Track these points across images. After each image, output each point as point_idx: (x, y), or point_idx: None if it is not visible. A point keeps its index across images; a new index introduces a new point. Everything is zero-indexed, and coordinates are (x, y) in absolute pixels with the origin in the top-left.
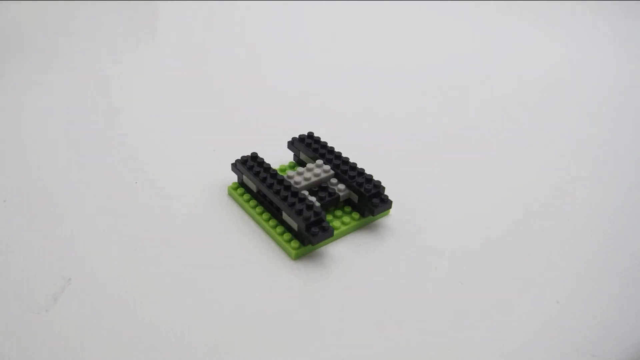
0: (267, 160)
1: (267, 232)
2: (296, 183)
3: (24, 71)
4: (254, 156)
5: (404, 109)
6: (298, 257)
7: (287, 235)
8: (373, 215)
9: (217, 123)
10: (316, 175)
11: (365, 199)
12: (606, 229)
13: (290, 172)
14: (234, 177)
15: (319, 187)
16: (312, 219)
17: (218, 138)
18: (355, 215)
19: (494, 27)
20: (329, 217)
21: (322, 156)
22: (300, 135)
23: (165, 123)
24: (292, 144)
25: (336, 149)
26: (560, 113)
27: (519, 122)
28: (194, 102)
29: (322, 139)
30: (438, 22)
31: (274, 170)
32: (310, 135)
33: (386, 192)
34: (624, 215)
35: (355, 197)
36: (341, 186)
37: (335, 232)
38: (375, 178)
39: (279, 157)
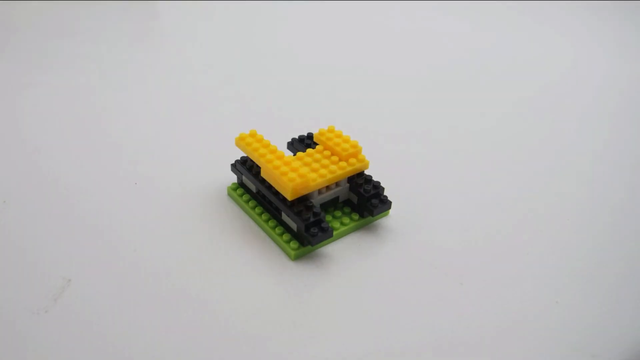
0: None
1: (267, 233)
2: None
3: (23, 72)
4: None
5: (403, 109)
6: (297, 257)
7: (286, 236)
8: (372, 215)
9: (216, 123)
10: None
11: (364, 199)
12: (606, 229)
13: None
14: (233, 178)
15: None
16: (312, 219)
17: (217, 138)
18: (355, 215)
19: (497, 29)
20: (328, 218)
21: None
22: (299, 136)
23: (165, 123)
24: (292, 145)
25: None
26: (561, 113)
27: (519, 122)
28: (193, 102)
29: None
30: (441, 23)
31: None
32: (310, 136)
33: (385, 193)
34: (624, 215)
35: (354, 198)
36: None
37: (335, 232)
38: (375, 179)
39: None
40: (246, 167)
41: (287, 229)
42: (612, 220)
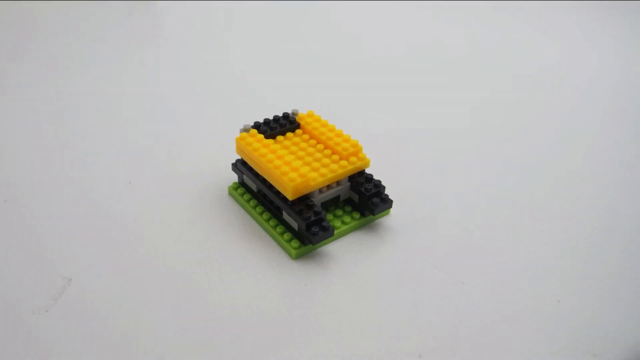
0: None
1: (268, 232)
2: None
3: (22, 71)
4: None
5: (404, 108)
6: (298, 256)
7: (287, 235)
8: (373, 214)
9: (216, 123)
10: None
11: (365, 198)
12: (607, 228)
13: None
14: (234, 177)
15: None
16: (312, 218)
17: (218, 138)
18: (356, 214)
19: (489, 26)
20: (329, 217)
21: None
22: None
23: (165, 123)
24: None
25: None
26: (560, 113)
27: (519, 121)
28: (193, 102)
29: None
30: (435, 21)
31: None
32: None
33: (386, 192)
34: (624, 215)
35: (355, 197)
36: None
37: (336, 231)
38: (376, 177)
39: None
40: (247, 166)
41: (288, 228)
42: (612, 219)
